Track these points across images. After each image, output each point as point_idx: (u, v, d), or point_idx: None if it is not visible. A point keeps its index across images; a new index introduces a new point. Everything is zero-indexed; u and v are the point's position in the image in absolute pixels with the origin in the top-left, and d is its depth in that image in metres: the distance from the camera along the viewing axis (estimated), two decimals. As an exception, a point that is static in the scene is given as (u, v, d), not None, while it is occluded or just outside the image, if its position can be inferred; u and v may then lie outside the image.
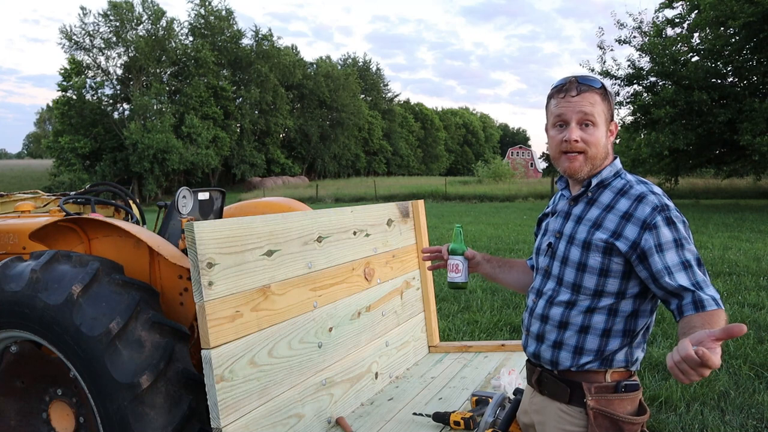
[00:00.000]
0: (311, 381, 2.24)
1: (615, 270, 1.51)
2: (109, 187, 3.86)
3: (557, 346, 1.59)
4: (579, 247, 1.56)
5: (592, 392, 1.52)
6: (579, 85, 1.55)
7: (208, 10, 49.81)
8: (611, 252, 1.50)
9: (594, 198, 1.59)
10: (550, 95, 1.63)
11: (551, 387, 1.62)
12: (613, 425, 1.50)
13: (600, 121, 1.55)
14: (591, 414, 1.50)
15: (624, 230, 1.49)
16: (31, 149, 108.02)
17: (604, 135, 1.57)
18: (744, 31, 17.79)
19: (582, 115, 1.54)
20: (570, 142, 1.54)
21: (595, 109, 1.54)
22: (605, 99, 1.57)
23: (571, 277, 1.58)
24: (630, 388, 1.54)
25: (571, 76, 1.59)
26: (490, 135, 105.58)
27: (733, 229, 12.76)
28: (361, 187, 38.36)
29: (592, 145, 1.55)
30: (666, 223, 1.46)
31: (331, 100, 60.15)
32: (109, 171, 42.17)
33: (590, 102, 1.54)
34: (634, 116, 22.11)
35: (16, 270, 2.32)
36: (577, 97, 1.54)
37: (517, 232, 12.85)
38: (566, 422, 1.58)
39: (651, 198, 1.50)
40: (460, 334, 5.10)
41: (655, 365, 4.24)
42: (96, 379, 2.11)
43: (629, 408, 1.53)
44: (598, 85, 1.57)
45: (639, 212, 1.49)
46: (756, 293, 6.38)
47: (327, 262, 2.42)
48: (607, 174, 1.59)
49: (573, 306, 1.57)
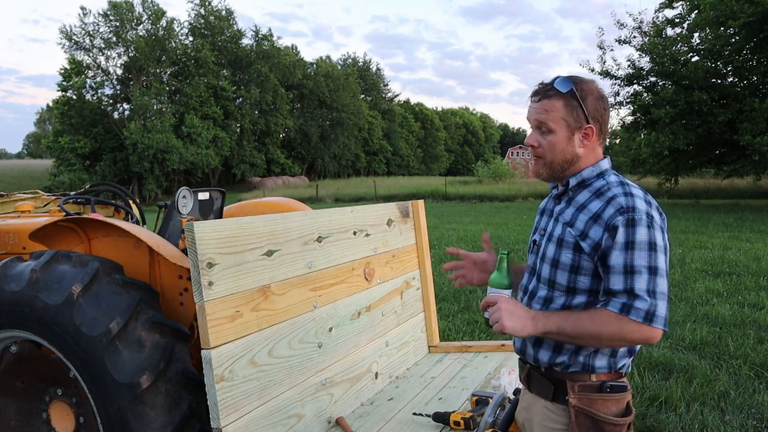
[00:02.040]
0: (311, 381, 2.23)
1: (585, 267, 1.52)
2: (109, 187, 3.86)
3: (537, 343, 1.61)
4: (554, 243, 1.58)
5: (575, 390, 1.51)
6: (541, 91, 1.57)
7: (208, 10, 49.82)
8: (581, 250, 1.51)
9: (573, 197, 1.60)
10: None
11: (537, 384, 1.64)
12: (594, 425, 1.49)
13: (557, 128, 1.55)
14: (572, 412, 1.51)
15: (590, 231, 1.50)
16: (31, 149, 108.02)
17: (564, 140, 1.56)
18: (744, 31, 17.79)
19: (536, 122, 1.58)
20: (528, 146, 1.60)
21: (551, 116, 1.54)
22: (570, 104, 1.53)
23: (546, 273, 1.60)
24: (616, 389, 1.52)
25: (549, 79, 1.60)
26: (490, 135, 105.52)
27: (733, 229, 12.76)
28: (361, 187, 38.35)
29: (548, 151, 1.57)
30: (626, 224, 1.44)
31: (331, 100, 60.14)
32: (109, 171, 42.17)
33: (546, 109, 1.55)
34: (634, 116, 22.11)
35: (16, 270, 2.32)
36: (537, 104, 1.57)
37: (517, 232, 12.85)
38: (550, 420, 1.59)
39: (620, 200, 1.48)
40: (460, 334, 5.10)
41: (655, 365, 4.24)
42: (96, 379, 2.11)
43: (613, 409, 1.51)
44: (565, 89, 1.53)
45: (605, 214, 1.48)
46: (756, 293, 6.38)
47: (327, 262, 2.42)
48: (588, 174, 1.59)
49: (550, 303, 1.59)
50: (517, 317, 1.45)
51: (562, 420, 1.56)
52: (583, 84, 1.56)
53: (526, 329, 1.45)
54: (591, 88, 1.56)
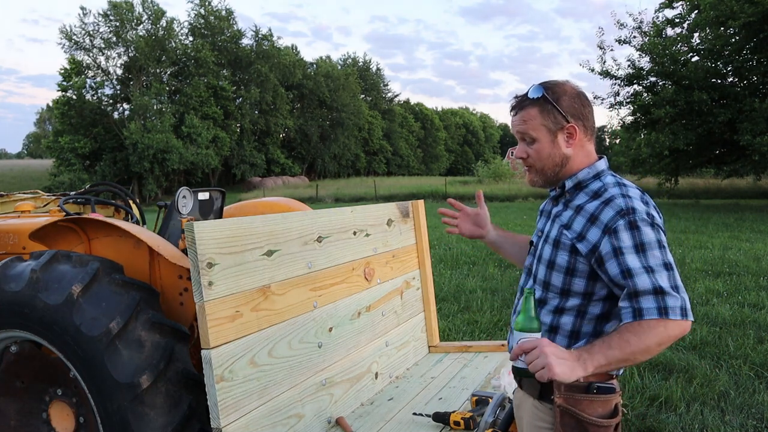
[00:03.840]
0: (311, 381, 2.23)
1: (581, 270, 1.51)
2: (109, 187, 3.86)
3: None
4: (550, 245, 1.59)
5: (561, 390, 1.50)
6: (517, 104, 1.60)
7: (208, 10, 49.81)
8: (576, 252, 1.51)
9: (570, 199, 1.61)
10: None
11: (527, 382, 1.64)
12: (579, 425, 1.48)
13: (539, 134, 1.56)
14: (557, 412, 1.50)
15: (588, 233, 1.49)
16: (31, 149, 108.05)
17: (549, 145, 1.57)
18: (744, 31, 17.80)
19: (519, 134, 1.60)
20: (518, 159, 1.62)
21: (530, 124, 1.56)
22: (545, 108, 1.54)
23: (542, 274, 1.60)
24: (603, 390, 1.50)
25: (517, 94, 1.62)
26: (490, 135, 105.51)
27: (733, 229, 12.76)
28: (361, 187, 38.34)
29: (536, 160, 1.59)
30: (628, 227, 1.43)
31: (331, 100, 60.13)
32: (109, 171, 42.16)
33: (523, 119, 1.57)
34: (634, 116, 22.12)
35: (16, 270, 2.32)
36: (516, 117, 1.60)
37: (517, 232, 12.84)
38: (538, 418, 1.60)
39: (618, 201, 1.47)
40: (460, 334, 5.10)
41: (655, 365, 4.24)
42: (96, 379, 2.11)
43: (600, 410, 1.49)
44: (536, 95, 1.55)
45: (603, 215, 1.47)
46: (756, 293, 6.38)
47: (327, 262, 2.42)
48: (584, 176, 1.59)
49: (544, 304, 1.59)
50: (565, 361, 1.32)
51: (548, 419, 1.56)
52: (556, 86, 1.57)
53: (576, 372, 1.33)
54: (564, 89, 1.57)
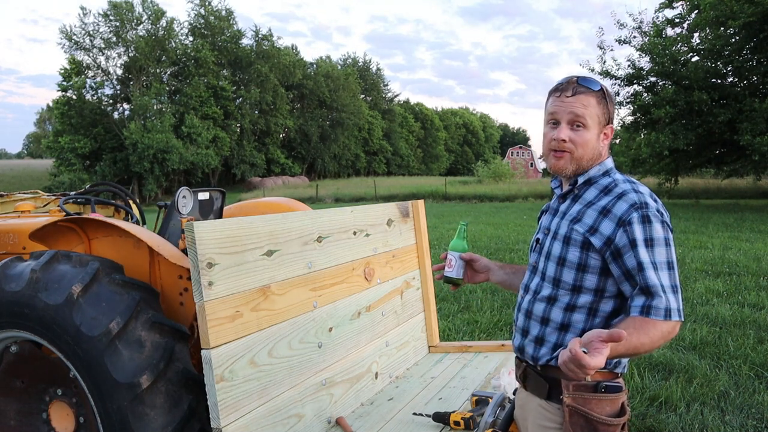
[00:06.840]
0: (311, 381, 2.23)
1: (593, 266, 1.52)
2: (109, 187, 3.86)
3: (539, 342, 1.61)
4: (560, 241, 1.58)
5: (570, 389, 1.50)
6: (576, 86, 1.56)
7: (208, 10, 49.83)
8: (588, 247, 1.51)
9: (579, 195, 1.61)
10: (549, 93, 1.64)
11: (533, 382, 1.64)
12: (588, 424, 1.49)
13: (591, 124, 1.56)
14: (566, 411, 1.50)
15: (600, 226, 1.50)
16: (31, 149, 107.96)
17: (595, 137, 1.58)
18: (744, 31, 17.79)
19: (573, 116, 1.56)
20: (558, 141, 1.57)
21: (588, 111, 1.55)
22: (602, 102, 1.56)
23: (552, 271, 1.60)
24: (611, 389, 1.51)
25: (573, 76, 1.60)
26: (490, 135, 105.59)
27: (733, 229, 12.76)
28: (361, 187, 38.35)
29: (579, 146, 1.57)
30: (641, 221, 1.46)
31: (331, 100, 60.15)
32: (109, 171, 42.19)
33: (583, 104, 1.55)
34: (634, 116, 22.10)
35: (16, 270, 2.32)
36: (572, 98, 1.56)
37: (517, 232, 12.85)
38: (545, 418, 1.59)
39: (631, 195, 1.49)
40: (460, 334, 5.10)
41: (655, 365, 4.24)
42: (96, 379, 2.11)
43: (608, 409, 1.50)
44: (597, 87, 1.56)
45: (617, 209, 1.49)
46: (756, 293, 6.38)
47: (327, 262, 2.42)
48: (594, 172, 1.60)
49: (554, 302, 1.59)
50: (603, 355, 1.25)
51: (556, 419, 1.56)
52: (603, 86, 1.59)
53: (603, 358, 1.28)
54: (610, 92, 1.60)
